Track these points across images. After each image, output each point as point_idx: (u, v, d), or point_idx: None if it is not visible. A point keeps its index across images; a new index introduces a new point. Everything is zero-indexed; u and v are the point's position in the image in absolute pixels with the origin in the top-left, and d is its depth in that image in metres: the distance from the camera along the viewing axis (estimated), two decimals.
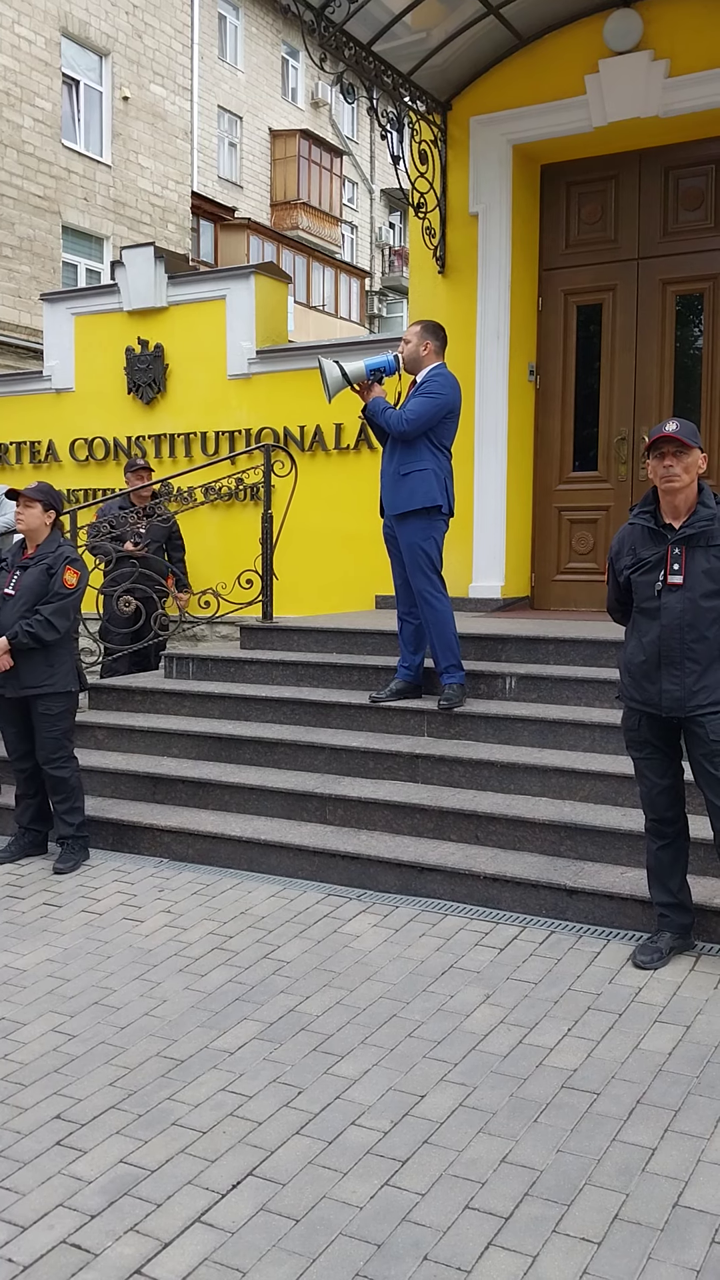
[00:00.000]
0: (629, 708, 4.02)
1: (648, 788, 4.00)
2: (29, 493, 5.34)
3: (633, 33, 7.10)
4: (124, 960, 4.21)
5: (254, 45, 26.35)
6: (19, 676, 5.24)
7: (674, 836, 3.99)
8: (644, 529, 3.93)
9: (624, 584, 4.01)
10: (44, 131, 17.91)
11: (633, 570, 3.93)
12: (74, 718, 5.44)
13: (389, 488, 5.63)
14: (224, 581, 7.16)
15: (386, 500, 5.66)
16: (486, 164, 7.68)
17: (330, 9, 6.58)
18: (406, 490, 5.52)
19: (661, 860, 4.00)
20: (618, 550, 4.03)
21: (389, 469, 5.63)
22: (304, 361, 8.93)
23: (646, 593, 3.88)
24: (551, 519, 8.06)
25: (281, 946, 4.26)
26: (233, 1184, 2.81)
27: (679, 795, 4.01)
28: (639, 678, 3.93)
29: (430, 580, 5.55)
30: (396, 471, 5.55)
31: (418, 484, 5.50)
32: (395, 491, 5.57)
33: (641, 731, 3.97)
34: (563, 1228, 2.59)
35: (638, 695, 3.95)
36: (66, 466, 10.18)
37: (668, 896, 4.01)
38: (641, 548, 3.92)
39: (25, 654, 5.20)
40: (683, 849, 4.02)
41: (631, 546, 3.97)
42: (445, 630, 5.58)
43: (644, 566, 3.89)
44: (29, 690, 5.24)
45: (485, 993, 3.81)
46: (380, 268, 32.93)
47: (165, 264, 9.57)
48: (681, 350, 7.67)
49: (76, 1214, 2.72)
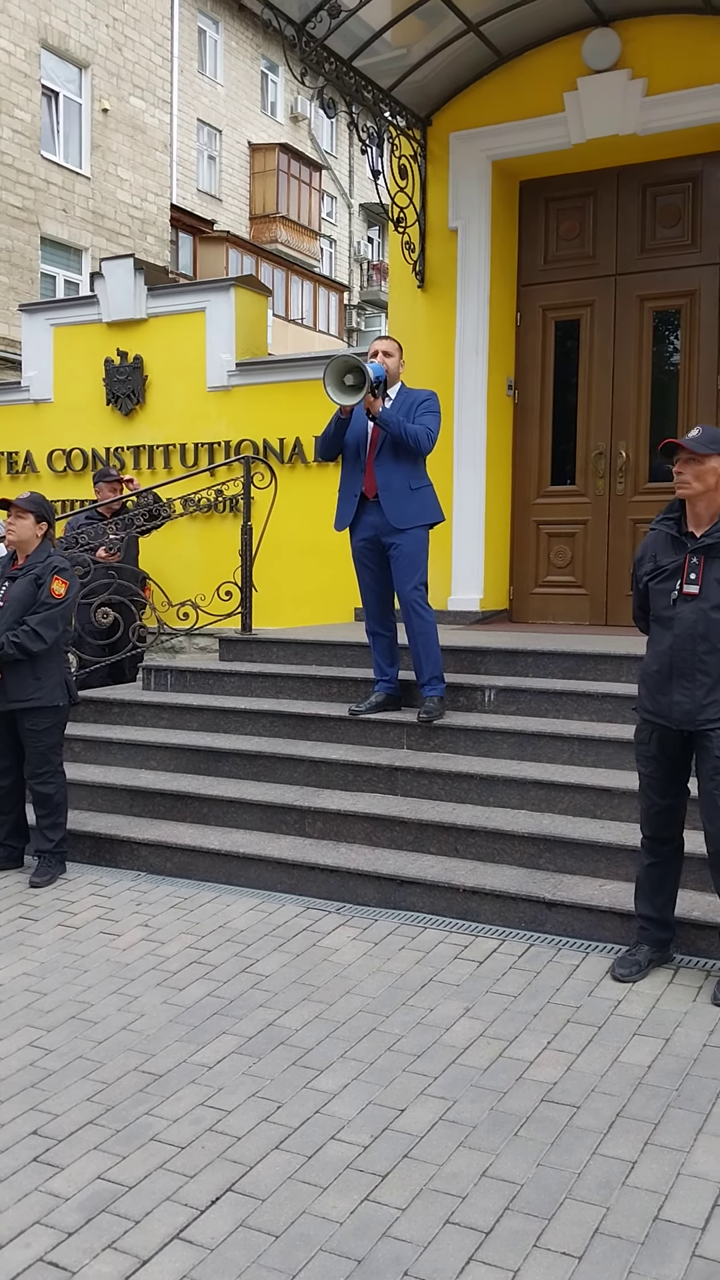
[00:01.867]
0: (642, 719, 3.93)
1: (647, 805, 3.94)
2: (21, 504, 5.27)
3: (611, 52, 7.17)
4: (101, 974, 4.18)
5: (234, 59, 26.44)
6: (5, 690, 5.16)
7: (667, 856, 3.95)
8: (667, 536, 3.87)
9: (644, 590, 3.94)
10: (23, 143, 17.89)
11: (651, 578, 3.87)
12: (62, 733, 5.35)
13: (394, 501, 5.52)
14: (203, 593, 7.15)
15: (393, 513, 5.53)
16: (466, 179, 7.73)
17: (311, 24, 6.62)
18: (417, 504, 5.57)
19: (650, 876, 3.96)
20: (640, 557, 3.97)
21: (391, 482, 5.53)
22: (283, 374, 8.96)
23: (662, 601, 3.82)
24: (530, 532, 8.09)
25: (260, 960, 4.24)
26: (211, 1200, 2.79)
27: (678, 816, 3.93)
28: (653, 689, 3.87)
29: (421, 591, 5.58)
30: (407, 486, 5.54)
31: (427, 498, 5.62)
32: (405, 505, 5.54)
33: (651, 746, 3.90)
34: (543, 1242, 2.58)
35: (651, 706, 3.88)
36: (44, 477, 10.14)
37: (651, 911, 3.99)
38: (662, 554, 3.86)
39: (12, 666, 5.13)
40: (673, 868, 3.97)
41: (653, 553, 3.90)
42: (431, 641, 5.59)
43: (661, 574, 3.83)
44: (16, 704, 5.16)
45: (465, 1006, 3.80)
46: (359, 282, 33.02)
47: (145, 276, 9.58)
48: (659, 366, 7.73)
49: (54, 1231, 2.69)
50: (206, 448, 9.30)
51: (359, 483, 5.65)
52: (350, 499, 5.68)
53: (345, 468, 5.73)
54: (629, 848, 4.50)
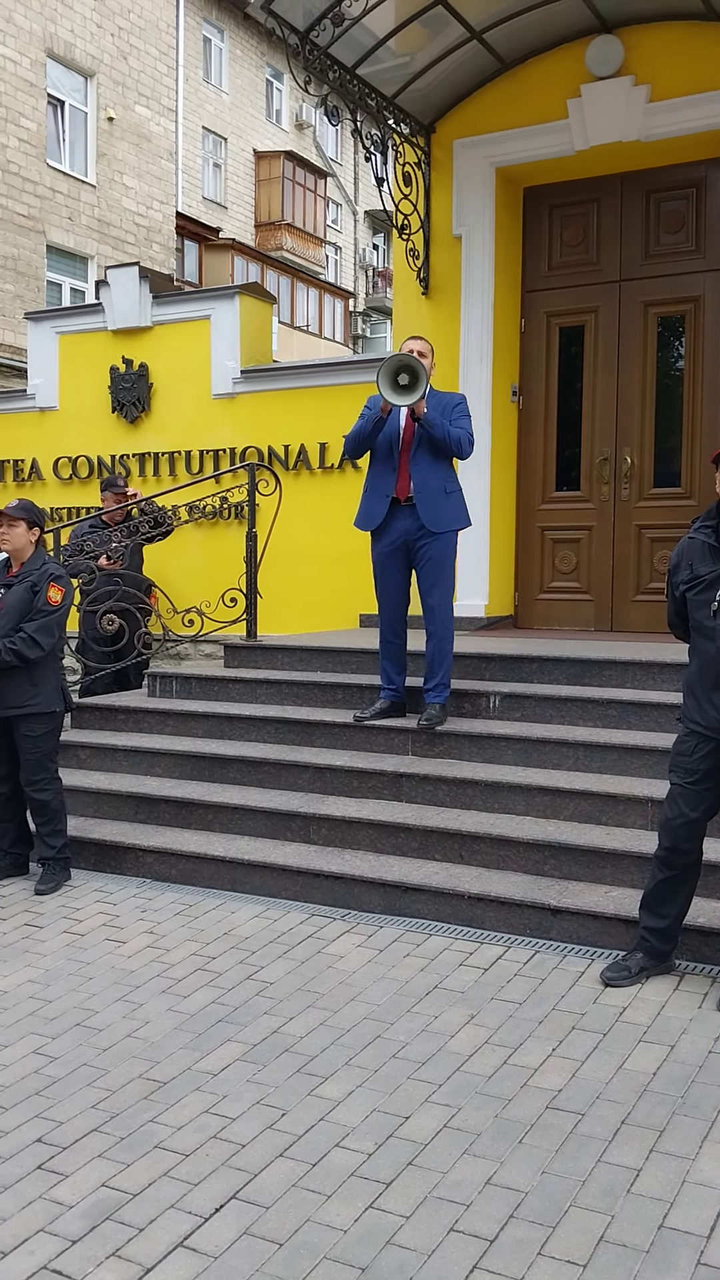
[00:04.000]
0: (689, 730, 3.86)
1: (674, 815, 3.85)
2: (11, 512, 5.27)
3: (614, 58, 7.18)
4: (106, 981, 4.18)
5: (238, 67, 26.53)
6: (2, 696, 5.18)
7: (684, 869, 3.89)
8: (704, 544, 3.82)
9: (680, 599, 3.90)
10: (29, 151, 17.96)
11: (689, 588, 3.83)
12: (58, 739, 5.37)
13: (429, 503, 5.47)
14: (208, 600, 7.15)
15: (428, 516, 5.48)
16: (470, 186, 7.74)
17: (315, 33, 6.64)
18: (452, 508, 5.56)
19: (662, 889, 3.91)
20: (676, 564, 3.93)
21: (428, 484, 5.47)
22: (288, 381, 8.97)
23: (702, 613, 3.79)
24: (535, 538, 8.09)
25: (265, 967, 4.24)
26: (216, 1207, 2.79)
27: (702, 830, 3.88)
28: (701, 699, 3.81)
29: (448, 595, 5.60)
30: (442, 489, 5.52)
31: (460, 503, 5.62)
32: (440, 508, 5.50)
33: (694, 757, 3.82)
34: (548, 1250, 2.57)
35: (701, 720, 3.82)
36: (50, 485, 10.16)
37: (656, 921, 3.94)
38: (699, 564, 3.82)
39: (8, 673, 5.15)
40: (687, 881, 3.91)
41: (689, 561, 3.86)
42: (449, 649, 5.61)
43: (700, 585, 3.79)
44: (12, 710, 5.18)
45: (470, 1013, 3.80)
46: (364, 289, 33.07)
47: (150, 284, 9.59)
48: (663, 372, 7.73)
49: (58, 1239, 2.69)
50: (211, 455, 9.31)
51: (390, 484, 5.54)
52: (381, 500, 5.57)
53: (375, 468, 5.63)
54: (634, 854, 4.50)
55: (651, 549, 7.63)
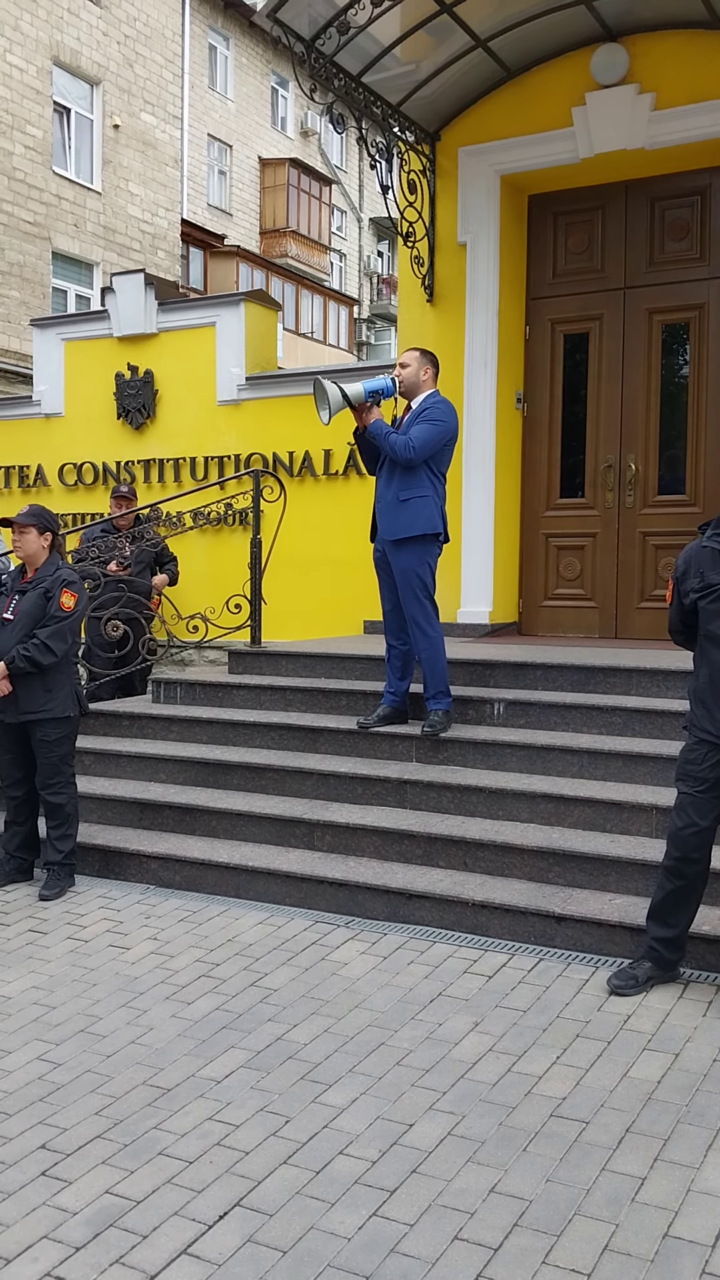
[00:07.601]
0: (698, 739, 3.85)
1: (684, 824, 3.83)
2: (22, 519, 5.28)
3: (619, 66, 7.20)
4: (110, 988, 4.18)
5: (244, 75, 26.60)
6: (17, 702, 5.20)
7: (693, 878, 3.87)
8: (714, 552, 3.82)
9: (689, 606, 3.89)
10: (35, 158, 18.03)
11: (701, 596, 3.81)
12: (73, 743, 5.39)
13: (387, 513, 5.59)
14: (212, 606, 7.16)
15: (384, 525, 5.61)
16: (474, 194, 7.76)
17: (320, 41, 6.66)
18: (407, 516, 5.52)
19: (671, 898, 3.89)
20: (684, 571, 3.91)
21: (386, 494, 5.60)
22: (293, 388, 8.97)
23: (715, 622, 3.78)
24: (539, 545, 8.10)
25: (269, 974, 4.24)
26: (220, 1215, 2.78)
27: (711, 839, 3.86)
28: (711, 708, 3.80)
29: (423, 606, 5.55)
30: (396, 497, 5.54)
31: (419, 510, 5.52)
32: (395, 517, 5.54)
33: (704, 766, 3.81)
34: (552, 1259, 2.57)
35: (711, 728, 3.80)
36: (55, 491, 10.18)
37: (665, 931, 3.92)
38: (710, 571, 3.81)
39: (23, 679, 5.16)
40: (696, 890, 3.90)
41: (699, 569, 3.85)
42: (436, 656, 5.57)
43: (712, 594, 3.77)
44: (27, 716, 5.20)
45: (474, 1020, 3.79)
46: (368, 295, 33.13)
47: (155, 291, 9.62)
48: (667, 379, 7.74)
49: (61, 1246, 2.68)
50: (216, 461, 9.33)
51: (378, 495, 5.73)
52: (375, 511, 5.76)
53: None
54: (639, 862, 4.49)
55: (656, 556, 7.63)
